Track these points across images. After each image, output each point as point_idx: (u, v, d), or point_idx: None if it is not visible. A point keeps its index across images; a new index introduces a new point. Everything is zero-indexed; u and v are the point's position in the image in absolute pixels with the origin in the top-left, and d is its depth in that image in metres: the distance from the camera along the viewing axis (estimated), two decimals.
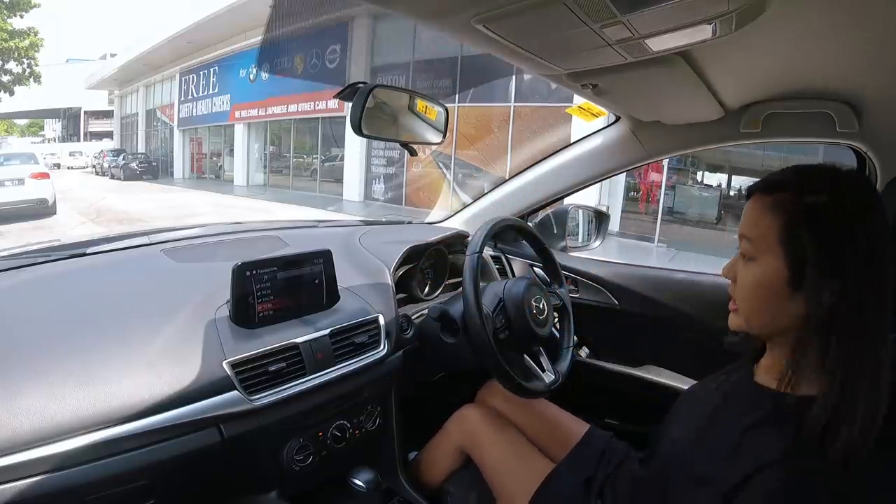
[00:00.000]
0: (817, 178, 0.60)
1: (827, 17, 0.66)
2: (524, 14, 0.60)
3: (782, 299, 0.59)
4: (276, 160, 14.71)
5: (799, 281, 0.58)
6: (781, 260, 0.59)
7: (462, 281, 0.96)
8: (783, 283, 0.59)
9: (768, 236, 0.60)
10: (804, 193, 0.59)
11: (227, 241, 1.19)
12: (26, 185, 8.04)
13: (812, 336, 0.58)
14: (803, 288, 0.57)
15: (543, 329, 1.04)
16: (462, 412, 1.08)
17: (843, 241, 0.56)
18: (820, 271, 0.56)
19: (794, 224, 0.58)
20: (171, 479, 0.74)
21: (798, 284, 0.58)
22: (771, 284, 0.60)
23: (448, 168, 8.42)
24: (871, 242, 0.56)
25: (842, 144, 1.09)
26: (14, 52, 14.73)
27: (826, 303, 0.56)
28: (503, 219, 1.08)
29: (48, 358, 0.69)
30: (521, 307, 1.01)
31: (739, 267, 0.64)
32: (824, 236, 0.57)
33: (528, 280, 1.07)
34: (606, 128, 1.34)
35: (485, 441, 1.00)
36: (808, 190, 0.59)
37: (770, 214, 0.60)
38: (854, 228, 0.56)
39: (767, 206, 0.61)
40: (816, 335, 0.57)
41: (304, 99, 12.48)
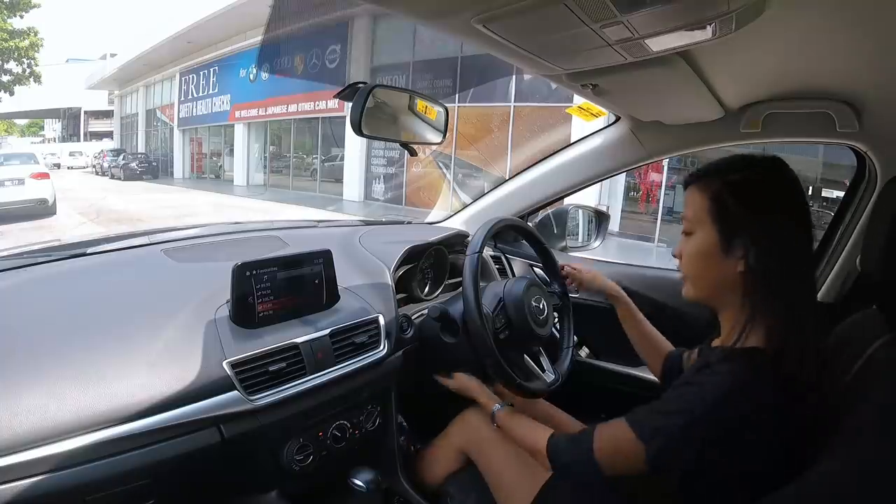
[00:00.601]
0: (736, 163, 0.73)
1: (827, 17, 0.66)
2: (524, 14, 0.60)
3: (718, 263, 0.71)
4: (276, 160, 14.72)
5: (728, 245, 0.69)
6: (712, 230, 0.71)
7: (462, 281, 0.96)
8: (716, 249, 0.70)
9: (700, 212, 0.72)
10: (725, 174, 0.72)
11: (227, 241, 1.19)
12: (26, 185, 8.05)
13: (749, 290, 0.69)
14: (733, 250, 0.69)
15: (543, 329, 1.04)
16: (464, 415, 1.08)
17: (760, 208, 0.68)
18: (744, 234, 0.68)
19: (718, 199, 0.71)
20: (171, 479, 0.74)
21: (727, 248, 0.69)
22: (706, 251, 0.71)
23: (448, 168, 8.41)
24: (786, 208, 0.69)
25: (842, 144, 1.09)
26: (14, 52, 14.74)
27: (754, 260, 0.67)
28: (503, 219, 1.08)
29: (48, 358, 0.69)
30: (521, 307, 1.01)
31: (682, 243, 0.75)
32: (743, 205, 0.69)
33: (528, 280, 1.07)
34: (606, 128, 1.34)
35: (486, 444, 1.00)
36: (728, 171, 0.72)
37: (700, 195, 0.73)
38: (769, 198, 0.69)
39: (698, 189, 0.73)
40: (752, 289, 0.68)
41: (304, 99, 12.48)
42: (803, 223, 0.69)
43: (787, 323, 0.66)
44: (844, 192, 1.27)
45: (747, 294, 0.69)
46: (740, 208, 0.69)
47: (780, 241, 0.67)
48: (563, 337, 1.15)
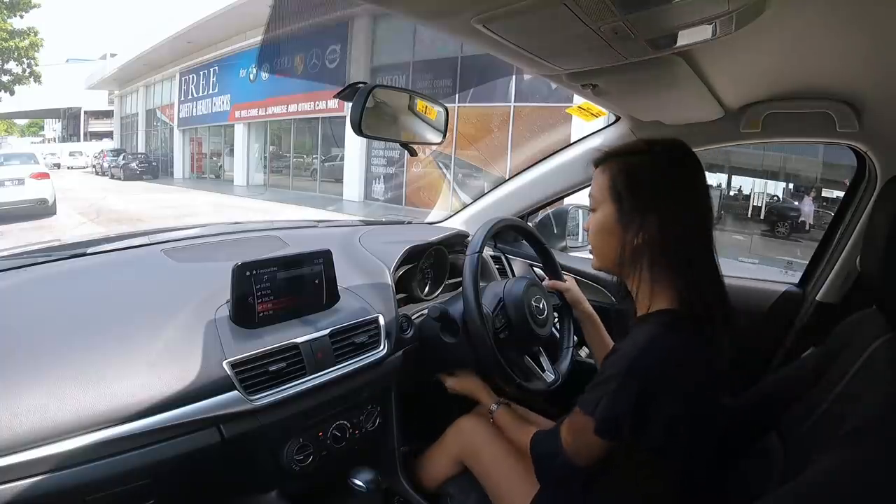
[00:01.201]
0: (636, 146, 0.82)
1: (827, 17, 0.66)
2: (524, 14, 0.60)
3: (618, 235, 0.78)
4: (276, 160, 14.71)
5: (624, 220, 0.77)
6: (611, 207, 0.79)
7: (462, 281, 0.96)
8: (615, 223, 0.78)
9: (601, 191, 0.81)
10: (624, 157, 0.80)
11: (227, 241, 1.19)
12: (26, 185, 8.05)
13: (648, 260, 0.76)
14: (629, 225, 0.76)
15: (543, 329, 1.04)
16: (459, 423, 1.07)
17: (650, 186, 0.76)
18: (638, 210, 0.76)
19: (615, 180, 0.79)
20: (171, 479, 0.74)
21: (625, 223, 0.77)
22: (607, 225, 0.80)
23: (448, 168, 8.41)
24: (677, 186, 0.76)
25: (842, 144, 1.09)
26: (14, 52, 14.75)
27: (648, 233, 0.75)
28: (503, 218, 1.08)
29: (48, 358, 0.69)
30: (521, 307, 1.01)
31: (591, 221, 0.83)
32: (637, 185, 0.77)
33: (528, 280, 1.07)
34: (606, 128, 1.34)
35: (482, 451, 1.00)
36: (626, 155, 0.80)
37: (601, 175, 0.81)
38: (664, 176, 0.76)
39: (601, 170, 0.82)
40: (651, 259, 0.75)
41: (304, 99, 12.48)
42: (695, 199, 0.77)
43: (686, 285, 0.74)
44: (844, 192, 1.27)
45: (647, 263, 0.76)
46: (634, 187, 0.77)
47: (672, 215, 0.74)
48: (563, 337, 1.14)
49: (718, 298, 0.76)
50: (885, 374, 0.65)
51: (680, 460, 0.74)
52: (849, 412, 0.64)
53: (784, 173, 8.96)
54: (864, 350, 0.70)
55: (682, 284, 0.74)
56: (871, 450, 0.58)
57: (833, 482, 0.58)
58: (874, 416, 0.61)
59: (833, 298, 1.21)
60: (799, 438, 0.72)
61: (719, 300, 0.76)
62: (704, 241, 0.77)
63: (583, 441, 0.75)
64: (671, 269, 0.75)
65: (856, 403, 0.65)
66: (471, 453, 1.02)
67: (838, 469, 0.58)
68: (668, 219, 0.74)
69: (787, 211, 8.70)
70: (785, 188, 9.14)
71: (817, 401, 0.72)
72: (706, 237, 0.77)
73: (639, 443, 0.71)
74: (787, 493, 0.60)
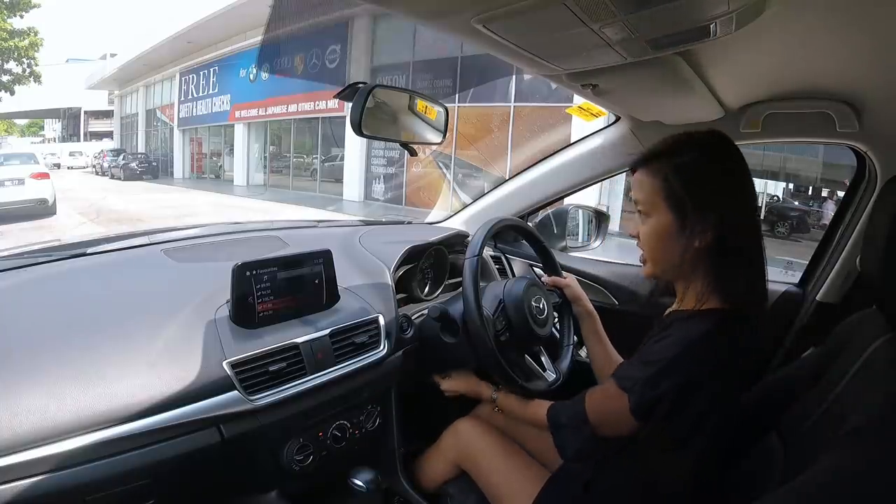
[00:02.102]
0: (682, 143, 0.76)
1: (827, 17, 0.66)
2: (524, 14, 0.60)
3: (675, 242, 0.74)
4: (276, 160, 14.71)
5: (684, 224, 0.73)
6: (667, 212, 0.75)
7: (462, 282, 0.96)
8: (673, 229, 0.74)
9: (652, 196, 0.76)
10: (674, 157, 0.75)
11: (227, 241, 1.19)
12: (26, 185, 8.04)
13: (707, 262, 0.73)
14: (688, 229, 0.73)
15: (543, 329, 1.04)
16: (456, 426, 1.07)
17: (709, 185, 0.73)
18: (697, 213, 0.72)
19: (668, 182, 0.74)
20: (171, 479, 0.74)
21: (684, 227, 0.73)
22: (664, 232, 0.75)
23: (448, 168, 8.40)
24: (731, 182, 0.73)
25: (842, 144, 1.09)
26: (14, 51, 14.75)
27: (711, 236, 0.72)
28: (502, 219, 1.07)
29: (48, 358, 0.69)
30: (521, 308, 1.01)
31: (640, 226, 0.79)
32: (693, 185, 0.73)
33: (528, 280, 1.06)
34: (606, 128, 1.34)
35: (479, 455, 1.00)
36: (674, 154, 0.75)
37: (650, 178, 0.76)
38: (717, 174, 0.73)
39: (648, 173, 0.76)
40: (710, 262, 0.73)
41: (304, 99, 12.48)
42: (748, 193, 0.75)
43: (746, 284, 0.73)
44: (844, 192, 1.27)
45: (706, 266, 0.74)
46: (693, 189, 0.73)
47: (731, 213, 0.72)
48: (564, 335, 1.14)
49: (764, 294, 0.76)
50: (885, 374, 0.65)
51: (695, 457, 0.74)
52: (849, 412, 0.64)
53: (784, 173, 8.96)
54: (864, 350, 0.70)
55: (742, 284, 0.73)
56: (871, 450, 0.58)
57: (833, 482, 0.58)
58: (874, 416, 0.61)
59: (833, 298, 1.21)
60: (799, 438, 0.72)
61: (765, 296, 0.76)
62: (758, 236, 0.76)
63: (613, 416, 0.74)
64: (730, 269, 0.73)
65: (856, 403, 0.65)
66: (468, 457, 1.01)
67: (839, 469, 0.58)
68: (729, 218, 0.72)
69: (787, 211, 8.70)
70: (785, 188, 9.14)
71: (817, 401, 0.72)
72: (759, 231, 0.76)
73: (665, 431, 0.72)
74: (787, 493, 0.60)
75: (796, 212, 8.63)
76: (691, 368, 0.70)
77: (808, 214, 8.54)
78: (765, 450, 0.77)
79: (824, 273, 1.23)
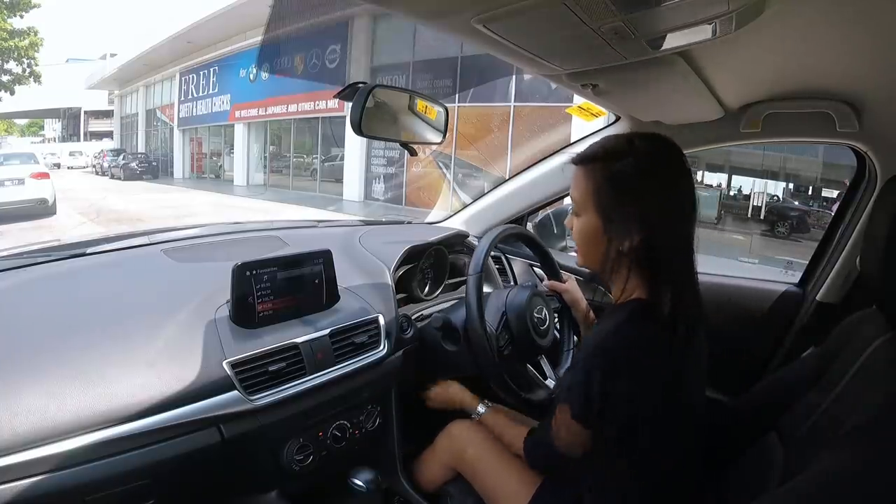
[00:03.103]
0: (618, 149, 0.75)
1: (827, 17, 0.66)
2: (524, 14, 0.60)
3: (601, 244, 0.76)
4: (276, 160, 14.71)
5: (608, 229, 0.75)
6: (595, 215, 0.76)
7: (466, 299, 0.96)
8: (599, 232, 0.76)
9: (585, 197, 0.77)
10: (609, 163, 0.75)
11: (227, 241, 1.19)
12: (26, 185, 8.04)
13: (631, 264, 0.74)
14: (614, 233, 0.74)
15: (545, 339, 1.04)
16: (450, 429, 1.06)
17: (639, 197, 0.73)
18: (623, 220, 0.73)
19: (600, 188, 0.75)
20: (171, 479, 0.74)
21: (608, 232, 0.75)
22: (591, 233, 0.77)
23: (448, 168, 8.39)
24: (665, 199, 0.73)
25: (842, 144, 1.09)
26: (14, 51, 14.75)
27: (632, 244, 0.73)
28: (505, 227, 1.08)
29: (48, 358, 0.69)
30: (523, 320, 1.01)
31: (574, 221, 0.81)
32: (623, 195, 0.73)
33: (531, 290, 1.06)
34: (606, 128, 1.34)
35: (472, 457, 0.99)
36: (608, 158, 0.75)
37: (585, 181, 0.77)
38: (650, 187, 0.73)
39: (584, 174, 0.78)
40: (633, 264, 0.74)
41: (304, 99, 12.47)
42: (680, 203, 0.74)
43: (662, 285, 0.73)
44: (844, 192, 1.26)
45: (630, 265, 0.75)
46: (619, 196, 0.74)
47: (660, 223, 0.72)
48: (564, 340, 1.14)
49: (692, 301, 0.75)
50: (885, 374, 0.65)
51: (641, 455, 0.74)
52: (849, 412, 0.64)
53: (784, 173, 8.96)
54: (864, 350, 0.70)
55: (657, 284, 0.74)
56: (871, 450, 0.58)
57: (833, 482, 0.58)
58: (874, 416, 0.61)
59: (833, 298, 1.21)
60: (799, 438, 0.72)
61: (692, 303, 0.75)
62: (687, 243, 0.76)
63: (566, 429, 0.75)
64: (651, 270, 0.74)
65: (856, 403, 0.65)
66: (462, 459, 1.01)
67: (838, 469, 0.58)
68: (654, 228, 0.73)
69: (787, 211, 8.70)
70: (785, 188, 9.14)
71: (817, 401, 0.72)
72: (689, 238, 0.76)
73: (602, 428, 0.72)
74: (787, 493, 0.60)
75: (796, 212, 8.63)
76: (606, 357, 0.71)
77: (808, 214, 8.54)
78: (764, 450, 0.77)
79: (824, 273, 1.23)
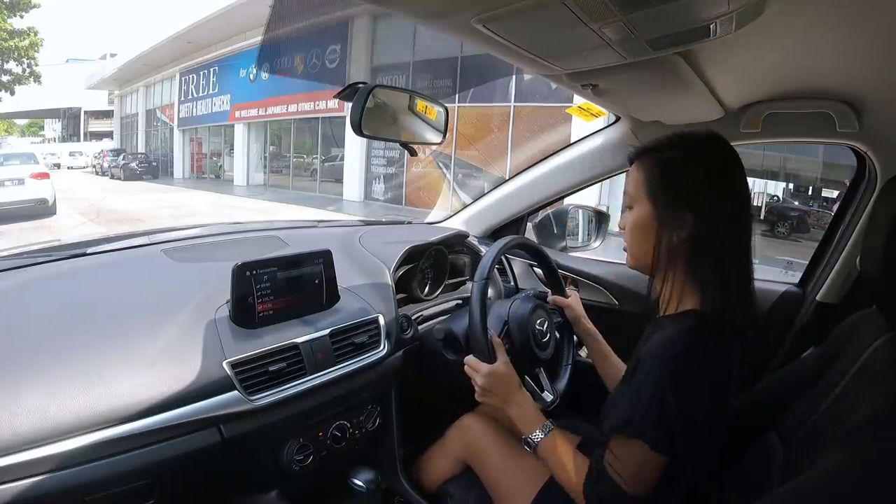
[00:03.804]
0: (673, 141, 0.77)
1: (827, 17, 0.66)
2: (524, 14, 0.60)
3: (653, 234, 0.75)
4: (276, 160, 14.71)
5: (662, 218, 0.74)
6: (647, 204, 0.76)
7: (469, 306, 0.94)
8: (652, 221, 0.75)
9: (637, 188, 0.77)
10: (661, 152, 0.76)
11: (227, 241, 1.19)
12: (26, 185, 8.04)
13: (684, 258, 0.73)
14: (667, 222, 0.73)
15: (545, 352, 1.04)
16: (462, 421, 1.07)
17: (689, 182, 0.73)
18: (676, 207, 0.73)
19: (652, 175, 0.76)
20: (171, 479, 0.74)
21: (662, 220, 0.74)
22: (644, 223, 0.76)
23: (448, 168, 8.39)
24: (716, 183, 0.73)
25: (842, 144, 1.09)
26: (14, 51, 14.75)
27: (686, 231, 0.72)
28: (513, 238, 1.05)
29: (48, 358, 0.69)
30: (525, 331, 1.01)
31: (626, 217, 0.80)
32: (675, 181, 0.74)
33: (533, 302, 1.06)
34: (606, 128, 1.34)
35: (484, 450, 1.00)
36: (663, 149, 0.76)
37: (637, 171, 0.78)
38: (700, 174, 0.73)
39: (637, 166, 0.78)
40: (686, 257, 0.73)
41: (304, 99, 12.48)
42: (731, 197, 0.74)
43: (717, 287, 0.71)
44: (844, 193, 1.26)
45: (682, 263, 0.74)
46: (672, 183, 0.74)
47: (711, 213, 0.72)
48: (563, 355, 1.14)
49: (745, 302, 0.73)
50: (886, 375, 0.65)
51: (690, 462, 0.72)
52: (849, 412, 0.64)
53: (784, 173, 8.96)
54: (864, 350, 0.70)
55: (712, 286, 0.71)
56: (871, 450, 0.58)
57: (833, 482, 0.58)
58: (874, 417, 0.61)
59: (833, 298, 1.21)
60: (799, 438, 0.72)
61: (746, 304, 0.73)
62: (742, 242, 0.74)
63: (640, 466, 0.69)
64: (704, 269, 0.72)
65: (856, 403, 0.65)
66: (474, 453, 1.01)
67: (838, 469, 0.58)
68: (704, 218, 0.71)
69: (787, 211, 8.70)
70: (785, 188, 9.14)
71: (817, 401, 0.72)
72: (744, 237, 0.74)
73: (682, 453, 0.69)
74: (787, 493, 0.60)
75: (796, 212, 8.63)
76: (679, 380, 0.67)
77: (808, 214, 8.54)
78: (765, 450, 0.77)
79: (824, 273, 1.23)
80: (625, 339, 1.11)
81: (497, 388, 0.88)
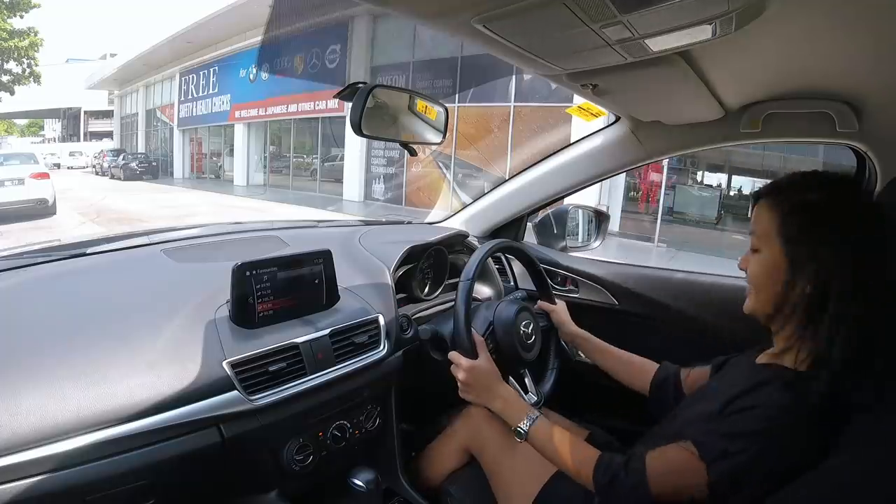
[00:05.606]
0: (812, 181, 0.71)
1: (827, 17, 0.66)
2: (524, 14, 0.60)
3: (783, 283, 0.70)
4: (276, 160, 14.72)
5: (795, 267, 0.68)
6: (780, 250, 0.70)
7: (454, 305, 0.96)
8: (783, 269, 0.70)
9: (769, 230, 0.71)
10: (799, 193, 0.71)
11: (227, 241, 1.19)
12: (26, 185, 8.05)
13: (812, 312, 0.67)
14: (800, 272, 0.68)
15: (530, 354, 1.05)
16: (470, 410, 1.07)
17: (831, 233, 0.67)
18: (813, 258, 0.67)
19: (789, 219, 0.70)
20: (171, 479, 0.74)
21: (794, 270, 0.68)
22: (773, 270, 0.71)
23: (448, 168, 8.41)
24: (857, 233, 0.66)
25: (842, 144, 1.09)
26: (14, 52, 14.76)
27: (817, 285, 0.66)
28: (500, 241, 1.09)
29: (49, 358, 0.69)
30: (510, 332, 1.02)
31: (750, 258, 0.75)
32: (814, 228, 0.68)
33: (519, 304, 1.07)
34: (606, 128, 1.34)
35: (490, 441, 1.01)
36: (803, 190, 0.71)
37: (770, 212, 0.72)
38: (840, 222, 0.67)
39: (769, 205, 0.73)
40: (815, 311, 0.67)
41: (304, 99, 12.48)
42: (876, 246, 0.66)
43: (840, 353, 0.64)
44: None
45: (810, 315, 0.67)
46: (811, 231, 0.68)
47: (849, 266, 0.65)
48: (549, 358, 1.15)
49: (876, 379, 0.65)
50: None
51: None
52: (853, 411, 0.64)
53: (784, 173, 8.95)
54: None
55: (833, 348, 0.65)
56: (879, 449, 0.58)
57: (833, 482, 0.58)
58: (874, 417, 0.61)
59: None
60: None
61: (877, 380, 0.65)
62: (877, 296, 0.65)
63: (684, 486, 0.67)
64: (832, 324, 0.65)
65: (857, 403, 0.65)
66: (479, 444, 1.02)
67: (848, 468, 0.58)
68: (844, 270, 0.65)
69: None
70: None
71: None
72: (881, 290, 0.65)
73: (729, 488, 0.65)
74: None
75: None
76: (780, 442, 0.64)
77: None
78: None
79: None
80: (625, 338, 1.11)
81: (478, 382, 0.90)
